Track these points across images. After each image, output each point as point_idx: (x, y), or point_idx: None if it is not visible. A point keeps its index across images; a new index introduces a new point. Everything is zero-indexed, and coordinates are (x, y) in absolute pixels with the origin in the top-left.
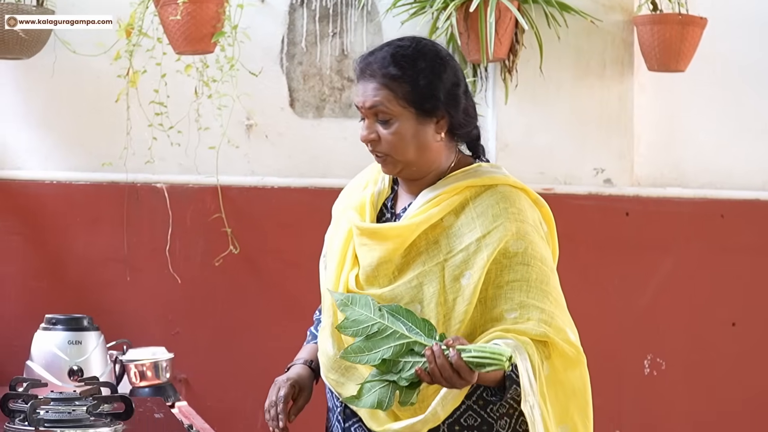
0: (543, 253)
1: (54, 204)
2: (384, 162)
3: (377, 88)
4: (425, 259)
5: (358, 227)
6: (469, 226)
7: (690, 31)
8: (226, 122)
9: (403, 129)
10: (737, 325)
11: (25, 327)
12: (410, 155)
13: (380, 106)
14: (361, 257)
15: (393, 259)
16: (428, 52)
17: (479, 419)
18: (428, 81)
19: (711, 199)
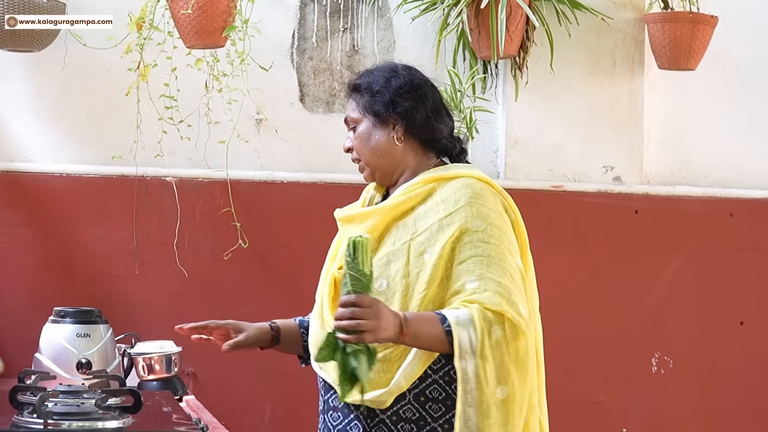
0: (503, 234)
1: (63, 197)
2: (360, 169)
3: (348, 101)
4: (394, 240)
5: (340, 216)
6: (434, 210)
7: (701, 30)
8: (236, 116)
9: (362, 133)
10: (745, 324)
11: (33, 319)
12: (372, 159)
13: (348, 115)
14: (345, 242)
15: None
16: (389, 66)
17: (444, 393)
18: (380, 89)
19: (720, 197)
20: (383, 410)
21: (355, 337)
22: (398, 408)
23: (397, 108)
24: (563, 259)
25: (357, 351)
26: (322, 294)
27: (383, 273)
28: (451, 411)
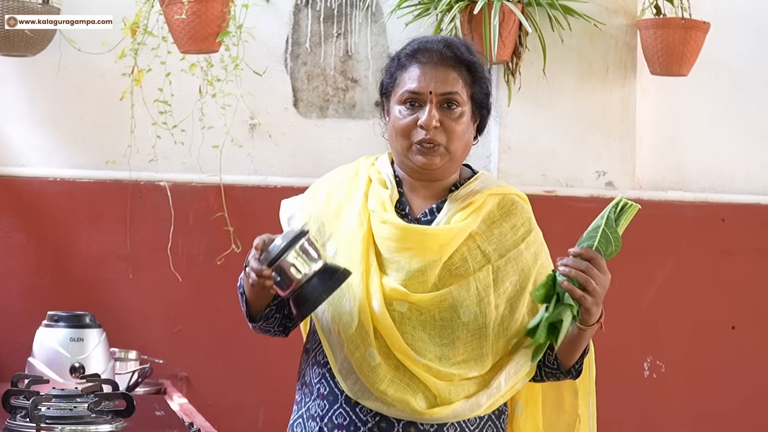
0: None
1: (57, 201)
2: (432, 153)
3: (452, 74)
4: (472, 263)
5: (403, 228)
6: (503, 233)
7: (693, 36)
8: (229, 121)
9: (465, 121)
10: (737, 329)
11: (27, 323)
12: (459, 150)
13: (455, 94)
14: (402, 261)
15: (439, 262)
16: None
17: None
18: (484, 77)
19: (712, 202)
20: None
21: (580, 292)
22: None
23: (488, 102)
24: (556, 264)
25: (568, 306)
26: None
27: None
28: None
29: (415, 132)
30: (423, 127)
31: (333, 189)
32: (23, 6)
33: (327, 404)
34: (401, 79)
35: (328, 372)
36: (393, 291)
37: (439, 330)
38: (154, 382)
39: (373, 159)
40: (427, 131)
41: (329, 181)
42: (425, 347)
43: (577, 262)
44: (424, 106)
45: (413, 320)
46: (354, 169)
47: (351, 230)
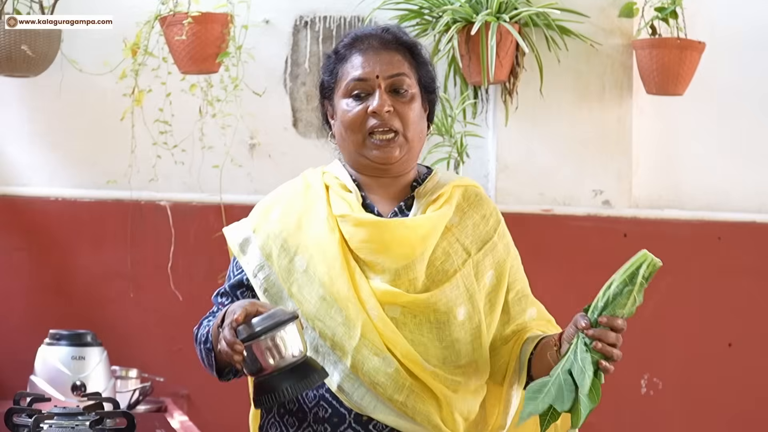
0: None
1: (59, 220)
2: (389, 145)
3: (395, 56)
4: (455, 258)
5: (381, 224)
6: (475, 224)
7: (688, 56)
8: (229, 141)
9: (417, 106)
10: (733, 346)
11: (29, 342)
12: (415, 139)
13: (401, 75)
14: (386, 261)
15: (423, 258)
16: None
17: None
18: (428, 60)
19: (708, 221)
20: None
21: (606, 365)
22: None
23: (435, 88)
24: (553, 282)
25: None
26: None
27: (459, 299)
28: None
29: (366, 122)
30: (375, 112)
31: (287, 204)
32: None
33: (329, 427)
34: (343, 71)
35: (327, 392)
36: (385, 294)
37: (437, 332)
38: (155, 400)
39: (321, 168)
40: (380, 117)
41: (279, 198)
42: (427, 351)
43: (608, 336)
44: (373, 93)
45: (408, 325)
46: (303, 181)
47: (321, 239)
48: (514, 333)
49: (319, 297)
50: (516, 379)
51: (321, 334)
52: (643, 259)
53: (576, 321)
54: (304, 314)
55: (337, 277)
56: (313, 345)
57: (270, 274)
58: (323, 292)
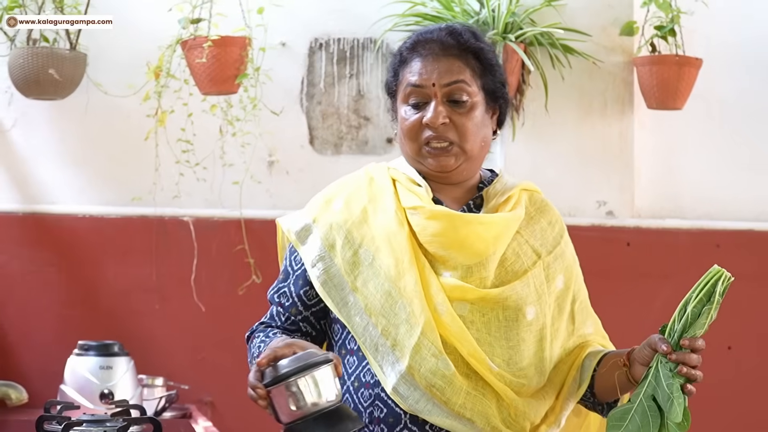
0: None
1: (87, 236)
2: (445, 153)
3: (455, 63)
4: (525, 259)
5: (457, 217)
6: (543, 228)
7: (686, 72)
8: (249, 159)
9: (478, 114)
10: (733, 349)
11: (59, 352)
12: (475, 148)
13: (460, 83)
14: (457, 256)
15: (495, 257)
16: (484, 35)
17: None
18: (496, 64)
19: (707, 229)
20: None
21: (691, 388)
22: None
23: (504, 91)
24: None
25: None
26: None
27: (529, 297)
28: None
29: (422, 132)
30: (429, 125)
31: (350, 195)
32: (52, 52)
33: (386, 428)
34: (403, 75)
35: (383, 392)
36: (456, 289)
37: (505, 331)
38: (180, 406)
39: (385, 164)
40: (434, 130)
41: (341, 189)
42: (492, 351)
43: (691, 359)
44: (429, 103)
45: (476, 323)
46: (367, 175)
47: (390, 231)
48: (577, 345)
49: (385, 292)
50: (573, 392)
51: (383, 331)
52: (718, 276)
53: (654, 344)
54: (368, 309)
55: (405, 271)
56: (374, 343)
57: (331, 266)
58: (389, 287)
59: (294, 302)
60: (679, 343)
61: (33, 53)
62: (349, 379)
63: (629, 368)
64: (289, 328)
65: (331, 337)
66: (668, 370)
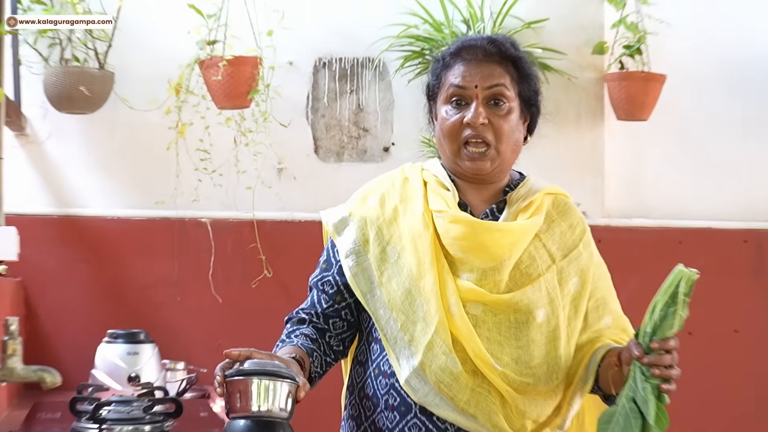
0: None
1: (115, 236)
2: (482, 157)
3: (497, 69)
4: (540, 263)
5: (477, 224)
6: (562, 232)
7: (652, 86)
8: (260, 166)
9: (514, 118)
10: (694, 334)
11: (90, 340)
12: (508, 151)
13: (501, 87)
14: (475, 260)
15: (510, 261)
16: (521, 46)
17: None
18: (533, 73)
19: (670, 228)
20: None
21: (668, 387)
22: None
23: (537, 100)
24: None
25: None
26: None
27: (540, 301)
28: None
29: (462, 132)
30: (470, 124)
31: (385, 194)
32: (83, 71)
33: (398, 416)
34: (446, 78)
35: (397, 382)
36: (469, 292)
37: (515, 332)
38: (199, 388)
39: (420, 165)
40: (474, 129)
41: (378, 187)
42: (501, 350)
43: (664, 360)
44: (471, 104)
45: (488, 323)
46: (402, 174)
47: (416, 232)
48: (589, 340)
49: (405, 289)
50: (581, 386)
51: (402, 326)
52: (680, 277)
53: (630, 349)
54: (390, 304)
55: (426, 272)
56: (394, 336)
57: (364, 259)
58: (410, 285)
59: (339, 290)
60: (650, 346)
61: (65, 72)
62: (371, 365)
63: (620, 367)
64: (330, 314)
65: (362, 324)
66: (642, 373)
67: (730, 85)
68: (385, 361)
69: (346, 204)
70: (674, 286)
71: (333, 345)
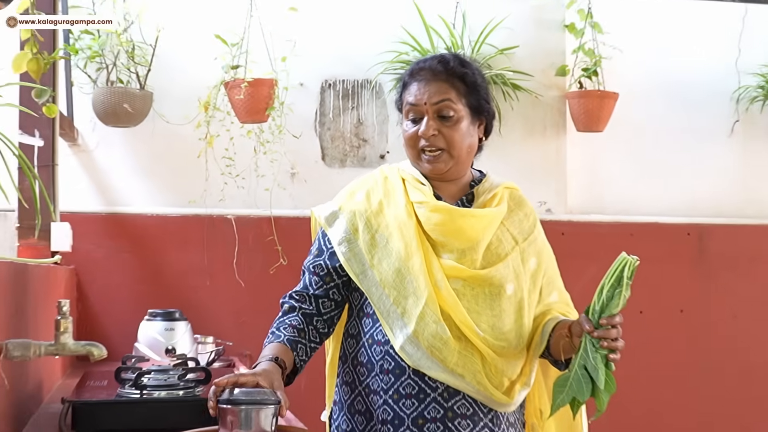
0: None
1: (154, 231)
2: (436, 159)
3: (443, 86)
4: (506, 245)
5: (454, 210)
6: (520, 219)
7: (606, 103)
8: (276, 171)
9: (464, 126)
10: (644, 313)
11: (133, 318)
12: (462, 153)
13: (446, 102)
14: (454, 242)
15: (483, 242)
16: (472, 61)
17: None
18: (481, 84)
19: (623, 222)
20: (508, 416)
21: (615, 356)
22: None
23: (488, 106)
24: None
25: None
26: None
27: (509, 276)
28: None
29: (418, 141)
30: (422, 136)
31: (370, 190)
32: (126, 91)
33: (393, 378)
34: (405, 97)
35: (391, 349)
36: (452, 269)
37: (490, 303)
38: (226, 358)
39: (396, 166)
40: (427, 140)
41: (363, 184)
42: (480, 318)
43: (610, 333)
44: (423, 118)
45: (467, 295)
46: (382, 174)
47: (401, 221)
48: (542, 312)
49: (395, 269)
50: (537, 350)
51: (395, 301)
52: (624, 263)
53: (581, 324)
54: (382, 283)
55: (412, 254)
56: (387, 310)
57: (354, 245)
58: (399, 265)
59: (329, 272)
60: (599, 322)
61: (111, 92)
62: (364, 336)
63: (571, 338)
64: (320, 294)
65: (352, 302)
66: (592, 345)
67: (672, 101)
68: (378, 332)
69: (334, 200)
70: (619, 270)
71: (319, 329)
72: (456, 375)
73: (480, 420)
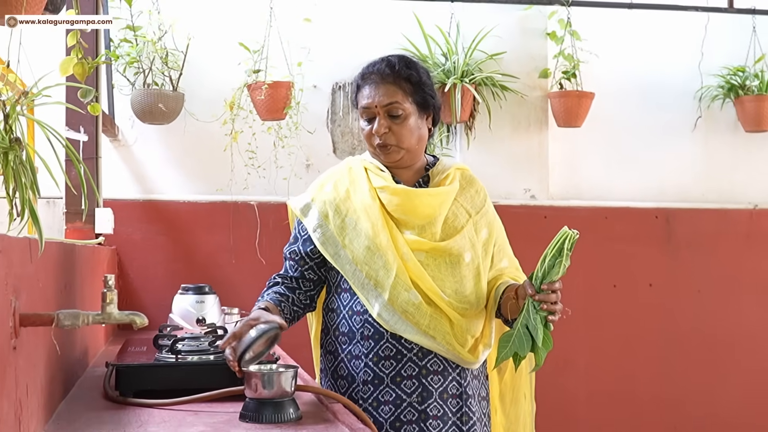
0: None
1: (186, 215)
2: (389, 152)
3: (391, 88)
4: (461, 218)
5: (412, 191)
6: (472, 195)
7: (584, 102)
8: (293, 163)
9: (412, 121)
10: (617, 287)
11: (168, 292)
12: (413, 145)
13: (394, 104)
14: (415, 219)
15: (441, 218)
16: (417, 60)
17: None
18: (426, 81)
19: (599, 207)
20: (472, 370)
21: (554, 318)
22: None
23: (433, 101)
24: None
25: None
26: (386, 222)
27: (466, 246)
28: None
29: (373, 138)
30: (375, 134)
31: (337, 181)
32: (160, 92)
33: (373, 342)
34: (358, 98)
35: (370, 317)
36: (415, 243)
37: (451, 270)
38: None
39: (359, 157)
40: (379, 137)
41: (330, 177)
42: (444, 285)
43: (550, 297)
44: (375, 118)
45: (431, 265)
46: (346, 165)
47: (366, 205)
48: (494, 277)
49: (365, 247)
50: (492, 311)
51: (367, 275)
52: (565, 236)
53: (525, 288)
54: (355, 260)
55: (379, 232)
56: (361, 283)
57: (327, 230)
58: (368, 243)
59: (302, 257)
60: (540, 287)
61: (147, 93)
62: (344, 309)
63: (517, 300)
64: (297, 276)
65: (330, 280)
66: (533, 307)
67: (643, 100)
68: (356, 303)
69: (307, 192)
70: (561, 242)
71: (301, 299)
72: (428, 336)
73: (449, 374)
